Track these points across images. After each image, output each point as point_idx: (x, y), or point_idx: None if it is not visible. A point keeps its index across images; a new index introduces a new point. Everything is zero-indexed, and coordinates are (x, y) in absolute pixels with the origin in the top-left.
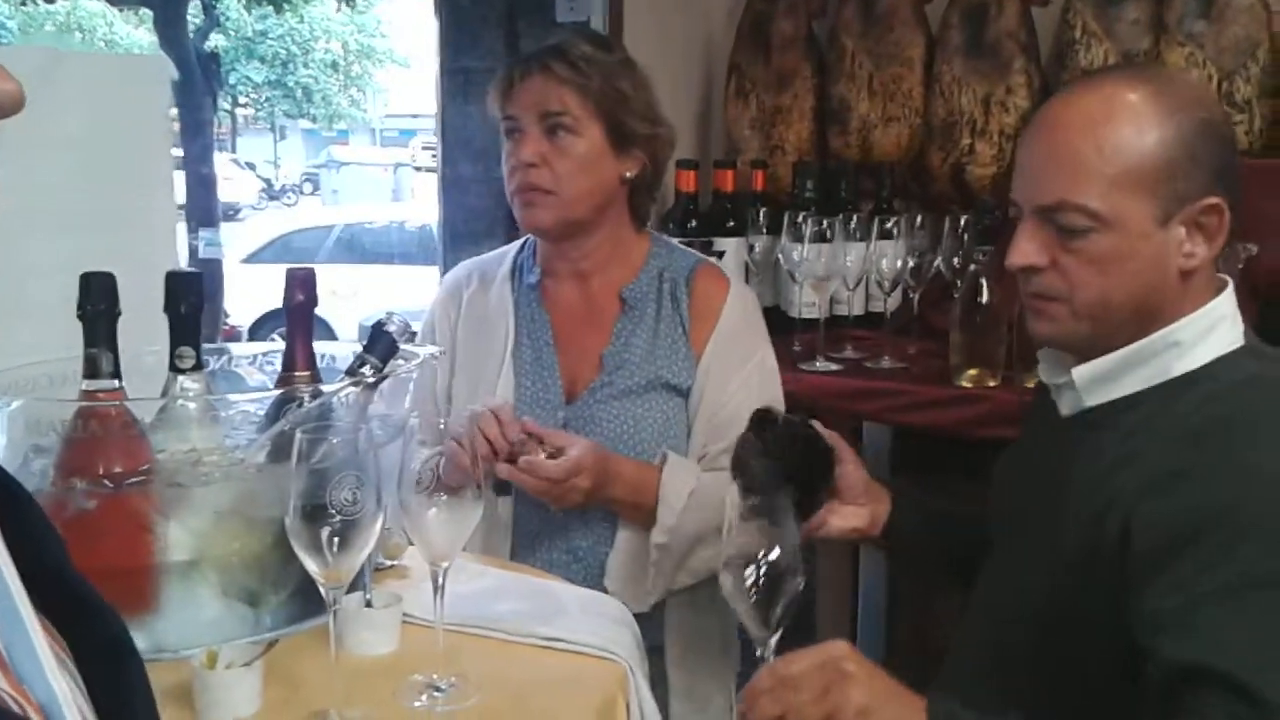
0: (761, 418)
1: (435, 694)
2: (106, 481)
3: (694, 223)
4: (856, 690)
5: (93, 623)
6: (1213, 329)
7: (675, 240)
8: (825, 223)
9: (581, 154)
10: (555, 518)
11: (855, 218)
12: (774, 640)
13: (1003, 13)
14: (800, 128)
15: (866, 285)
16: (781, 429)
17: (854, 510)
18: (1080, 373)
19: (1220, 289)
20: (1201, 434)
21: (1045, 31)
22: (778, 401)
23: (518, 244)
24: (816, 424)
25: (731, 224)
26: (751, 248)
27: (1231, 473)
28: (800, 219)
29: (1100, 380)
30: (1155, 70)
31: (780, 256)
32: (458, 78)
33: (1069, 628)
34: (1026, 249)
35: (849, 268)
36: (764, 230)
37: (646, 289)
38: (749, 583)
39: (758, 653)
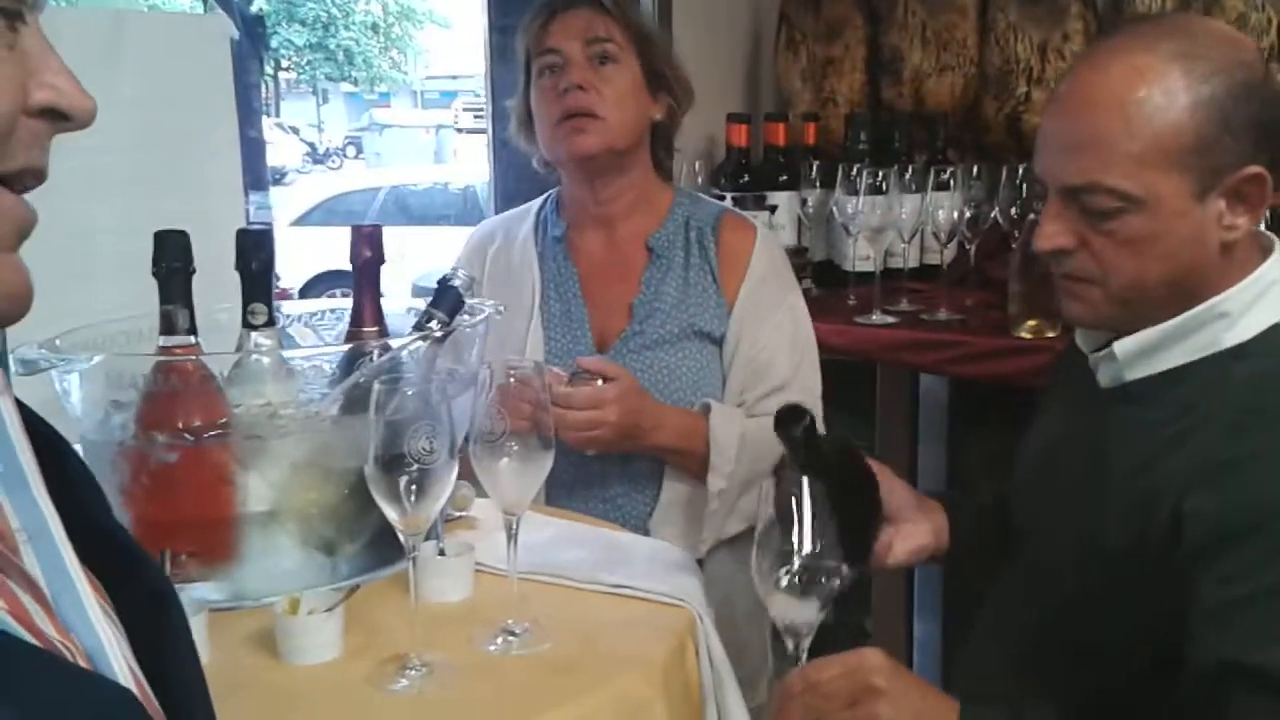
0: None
1: (510, 639)
2: (186, 434)
3: (746, 177)
4: (885, 705)
5: (134, 574)
6: (1262, 296)
7: (729, 194)
8: (880, 175)
9: (626, 84)
10: (591, 466)
11: (910, 169)
12: (808, 641)
13: None
14: (852, 79)
15: (922, 237)
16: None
17: (914, 528)
18: (1123, 346)
19: (1267, 250)
20: (1257, 418)
21: None
22: (810, 342)
23: (540, 199)
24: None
25: (784, 178)
26: (804, 201)
27: None
28: (854, 171)
29: (1144, 353)
30: (1184, 27)
31: (834, 209)
32: (506, 35)
33: (1104, 616)
34: (1053, 231)
35: (904, 220)
36: (817, 184)
37: (673, 237)
38: (784, 580)
39: (789, 649)
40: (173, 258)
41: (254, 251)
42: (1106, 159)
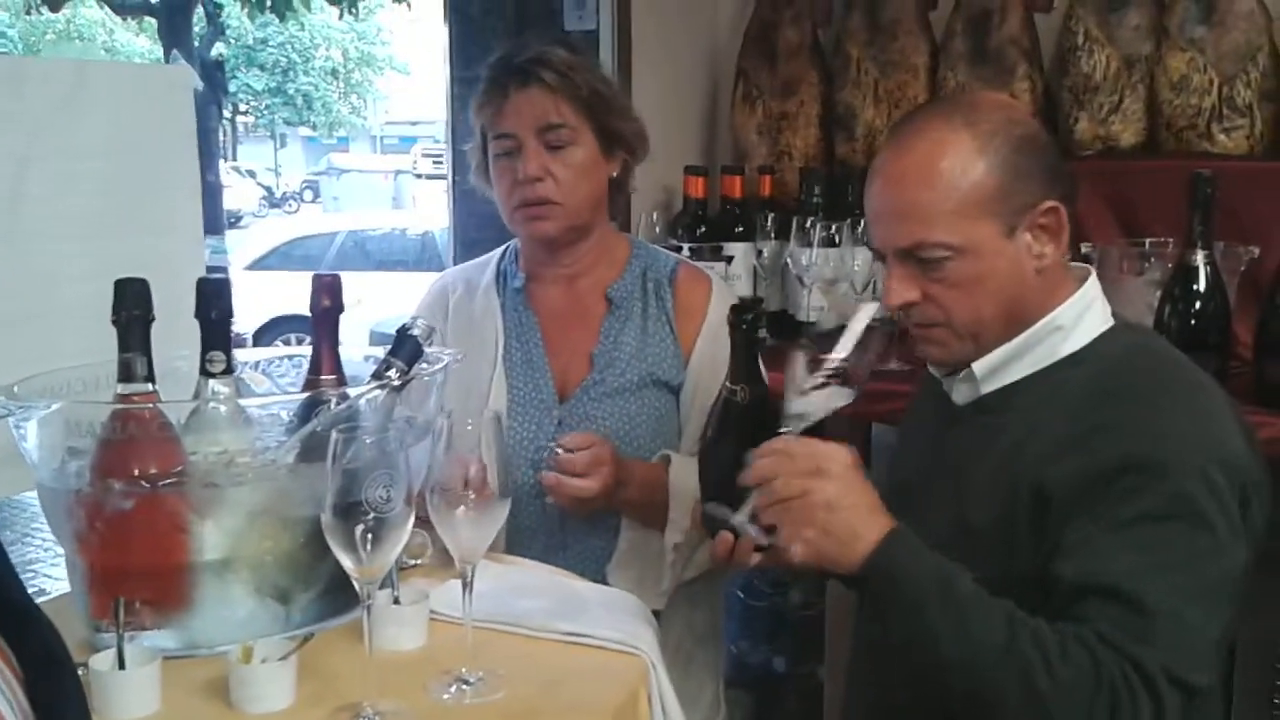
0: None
1: (464, 687)
2: (143, 482)
3: (703, 228)
4: (832, 486)
5: (30, 636)
6: (1088, 310)
7: (685, 245)
8: (833, 228)
9: (580, 163)
10: (549, 514)
11: (863, 222)
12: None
13: (1006, 20)
14: (807, 134)
15: (874, 289)
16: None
17: None
18: (980, 366)
19: (1084, 277)
20: (1101, 402)
21: (1048, 38)
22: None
23: (500, 250)
24: None
25: (740, 229)
26: (760, 253)
27: (1137, 431)
28: (808, 224)
29: (995, 370)
30: (965, 102)
31: (789, 261)
32: (468, 86)
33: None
34: (899, 289)
35: (857, 272)
36: (772, 235)
37: (631, 288)
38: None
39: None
40: (132, 306)
41: (213, 300)
42: (927, 221)
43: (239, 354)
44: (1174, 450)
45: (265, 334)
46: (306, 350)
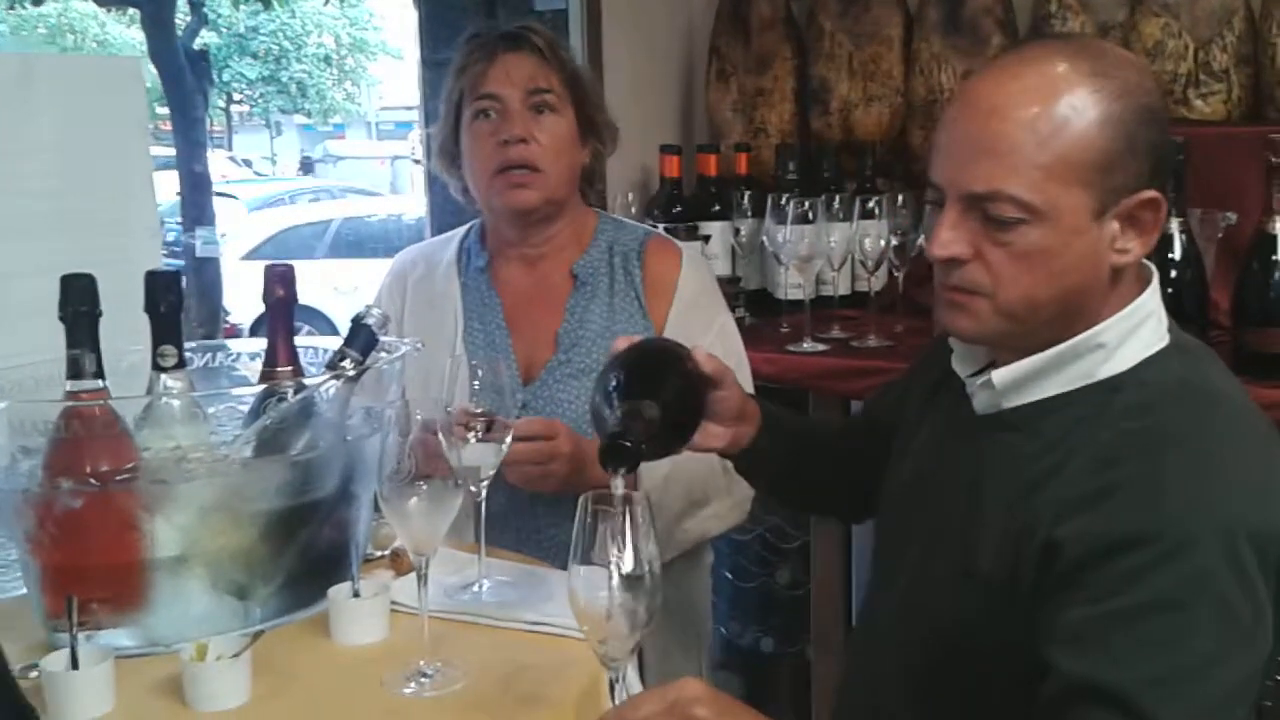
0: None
1: (423, 680)
2: (93, 480)
3: (679, 208)
4: None
5: None
6: (1139, 327)
7: (662, 225)
8: (808, 204)
9: (563, 133)
10: (522, 500)
11: (838, 198)
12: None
13: None
14: (782, 109)
15: (851, 265)
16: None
17: (718, 431)
18: (1001, 376)
19: (1147, 281)
20: (1127, 449)
21: (1022, 5)
22: (742, 360)
23: (463, 229)
24: (698, 353)
25: (716, 208)
26: (737, 231)
27: (1157, 494)
28: (783, 201)
29: (1021, 384)
30: (1096, 48)
31: (765, 239)
32: (440, 69)
33: (982, 652)
34: (950, 240)
35: (833, 248)
36: (749, 213)
37: (597, 263)
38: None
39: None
40: (78, 301)
41: (163, 293)
42: (1012, 168)
43: (233, 345)
44: (1197, 521)
45: (262, 324)
46: (304, 340)
